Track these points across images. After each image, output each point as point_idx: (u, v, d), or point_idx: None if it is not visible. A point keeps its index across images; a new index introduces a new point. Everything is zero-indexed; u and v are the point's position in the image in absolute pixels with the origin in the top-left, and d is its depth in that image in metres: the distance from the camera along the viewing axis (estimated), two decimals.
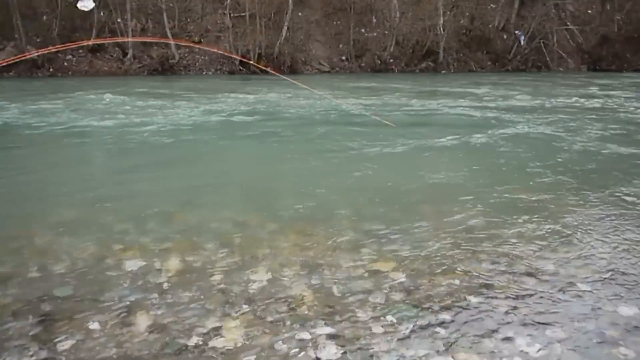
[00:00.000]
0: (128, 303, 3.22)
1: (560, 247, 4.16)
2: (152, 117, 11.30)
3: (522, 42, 33.71)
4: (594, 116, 11.94)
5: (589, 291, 3.44)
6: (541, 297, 3.34)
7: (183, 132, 9.82)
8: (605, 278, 3.63)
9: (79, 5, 26.69)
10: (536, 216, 4.86)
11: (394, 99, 15.82)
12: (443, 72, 31.65)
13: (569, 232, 4.48)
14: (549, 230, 4.50)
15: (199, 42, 29.08)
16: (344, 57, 31.55)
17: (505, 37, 34.41)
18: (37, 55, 26.10)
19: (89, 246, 4.09)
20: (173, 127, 10.20)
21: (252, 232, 4.51)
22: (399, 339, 2.87)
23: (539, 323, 3.03)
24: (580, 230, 4.53)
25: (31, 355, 2.69)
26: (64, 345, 2.78)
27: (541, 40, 33.63)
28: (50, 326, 2.97)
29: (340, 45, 31.90)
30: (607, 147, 8.34)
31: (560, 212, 5.00)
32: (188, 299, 3.29)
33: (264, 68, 20.30)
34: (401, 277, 3.65)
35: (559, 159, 7.45)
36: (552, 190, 5.75)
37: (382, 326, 3.00)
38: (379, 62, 31.20)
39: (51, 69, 26.85)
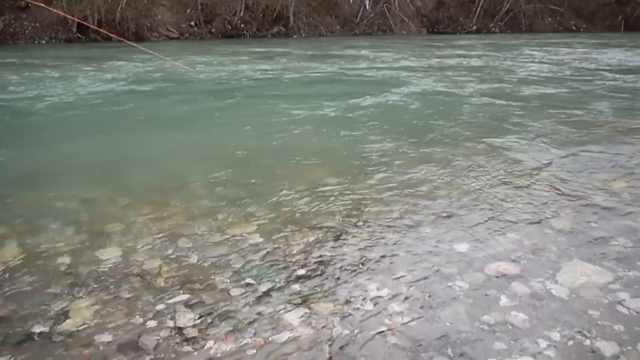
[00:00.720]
0: None
1: (407, 197, 4.50)
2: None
3: (367, 7, 35.12)
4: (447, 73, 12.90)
5: (428, 234, 3.78)
6: (388, 244, 3.61)
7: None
8: (443, 221, 4.01)
9: None
10: (385, 170, 5.19)
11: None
12: (295, 36, 31.96)
13: (418, 183, 4.84)
14: (400, 183, 4.83)
15: (27, 7, 26.25)
16: (192, 23, 30.47)
17: (351, 1, 35.55)
18: None
19: None
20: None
21: (101, 209, 4.27)
22: (256, 298, 2.94)
23: (387, 268, 3.27)
24: (429, 180, 4.92)
25: None
26: None
27: (384, 5, 35.28)
28: None
29: (188, 10, 30.71)
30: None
31: (409, 165, 5.37)
32: (30, 286, 3.06)
33: (107, 33, 18.90)
34: (258, 239, 3.71)
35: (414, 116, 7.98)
36: (404, 143, 6.15)
37: (240, 288, 3.04)
38: (230, 27, 30.64)
39: None
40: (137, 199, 4.50)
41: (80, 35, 26.56)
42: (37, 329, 2.63)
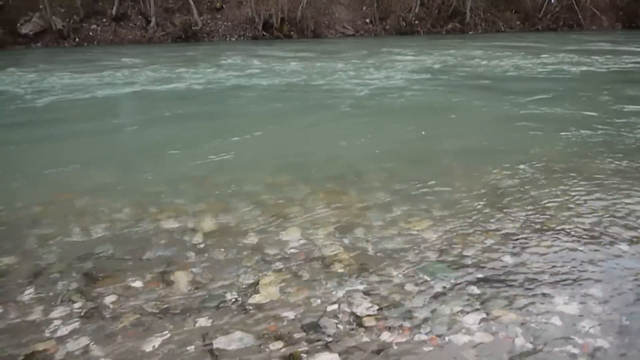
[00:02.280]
0: (167, 261, 3.31)
1: (597, 206, 4.10)
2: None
3: (553, 0, 32.62)
4: None
5: (628, 251, 3.40)
6: (576, 256, 3.32)
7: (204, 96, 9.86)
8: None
9: None
10: (572, 177, 4.79)
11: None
12: (470, 32, 30.91)
13: (603, 191, 4.40)
14: (584, 191, 4.43)
15: (221, 8, 28.91)
16: (368, 20, 31.02)
17: None
18: (63, 26, 26.34)
19: (125, 208, 4.20)
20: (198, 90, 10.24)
21: (284, 194, 4.55)
22: (432, 296, 2.90)
23: (576, 282, 3.02)
24: (614, 189, 4.45)
25: (78, 309, 2.79)
26: (108, 299, 2.88)
27: None
28: (94, 282, 3.08)
29: (364, 8, 31.33)
30: None
31: (595, 174, 4.91)
32: (224, 257, 3.37)
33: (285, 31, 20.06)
34: (433, 236, 3.65)
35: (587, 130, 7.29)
36: (589, 154, 5.64)
37: (416, 284, 3.02)
38: (404, 24, 30.63)
39: (77, 39, 27.03)
40: (317, 186, 4.71)
41: (264, 33, 28.58)
42: (231, 296, 2.89)
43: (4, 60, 18.18)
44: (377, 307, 2.77)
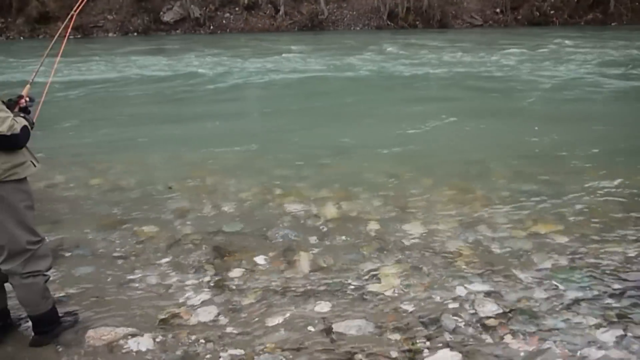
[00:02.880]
0: (290, 242, 3.42)
1: None
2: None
3: None
4: None
5: None
6: None
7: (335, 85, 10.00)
8: None
9: None
10: None
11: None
12: (613, 24, 28.32)
13: None
14: None
15: None
16: (498, 10, 29.56)
17: None
18: (200, 14, 28.05)
19: (252, 188, 4.40)
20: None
21: (405, 186, 4.50)
22: (563, 305, 2.71)
23: None
24: None
25: (208, 279, 2.98)
26: (235, 273, 3.04)
27: None
28: (223, 256, 3.26)
29: None
30: None
31: None
32: (345, 243, 3.40)
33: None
34: (565, 240, 3.42)
35: None
36: None
37: (545, 290, 2.85)
38: (538, 13, 28.79)
39: (211, 27, 28.64)
40: (439, 181, 4.60)
41: (389, 22, 28.34)
42: (351, 283, 2.92)
43: (174, 44, 19.63)
44: (501, 310, 2.65)
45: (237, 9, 29.48)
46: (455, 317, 2.59)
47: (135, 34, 27.68)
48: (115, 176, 4.91)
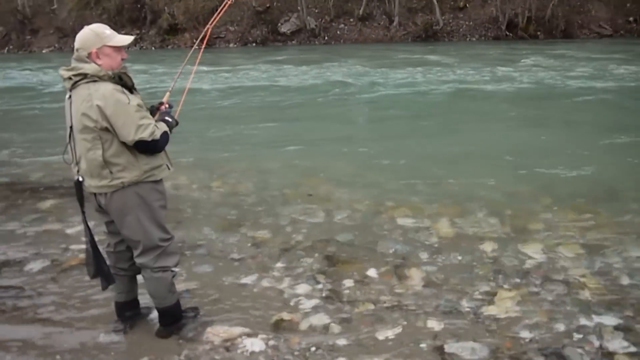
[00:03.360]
0: (401, 256, 3.38)
1: None
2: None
3: None
4: None
5: None
6: None
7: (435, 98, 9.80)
8: None
9: None
10: None
11: None
12: None
13: None
14: None
15: (464, 7, 28.41)
16: (631, 19, 27.32)
17: None
18: (315, 25, 28.79)
19: (365, 199, 4.41)
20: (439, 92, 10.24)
21: (524, 204, 4.29)
22: None
23: None
24: None
25: (320, 287, 3.02)
26: (346, 283, 3.06)
27: None
28: (334, 265, 3.29)
29: (629, 4, 27.65)
30: None
31: None
32: (458, 262, 3.30)
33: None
34: None
35: None
36: None
37: None
38: None
39: (326, 37, 29.25)
40: (561, 201, 4.33)
41: (508, 33, 27.23)
42: (464, 303, 2.82)
43: (311, 53, 20.22)
44: (633, 347, 2.43)
45: (351, 19, 29.85)
46: (580, 350, 2.41)
47: (254, 44, 28.97)
48: (235, 179, 5.17)
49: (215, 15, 3.08)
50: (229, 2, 3.26)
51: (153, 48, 30.54)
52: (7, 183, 5.36)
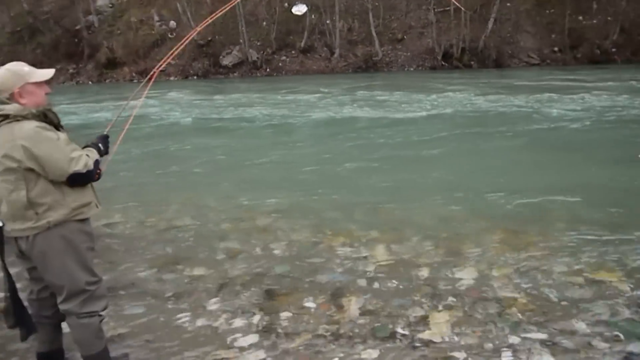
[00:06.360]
0: (339, 285, 3.39)
1: None
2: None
3: None
4: None
5: None
6: None
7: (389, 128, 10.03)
8: None
9: (293, 10, 28.73)
10: None
11: None
12: None
13: None
14: None
15: (402, 39, 29.40)
16: (556, 48, 29.02)
17: None
18: (257, 57, 29.05)
19: (303, 230, 4.42)
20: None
21: (457, 228, 4.41)
22: (626, 357, 2.55)
23: None
24: None
25: (257, 322, 2.98)
26: (283, 316, 3.03)
27: None
28: (272, 298, 3.27)
29: (553, 36, 29.39)
30: None
31: None
32: (395, 288, 3.35)
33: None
34: (628, 290, 3.24)
35: None
36: None
37: (606, 341, 2.69)
38: (599, 52, 28.05)
39: (267, 69, 29.53)
40: (493, 223, 4.48)
41: (443, 63, 28.32)
42: (401, 329, 2.85)
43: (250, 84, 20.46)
44: None
45: (293, 52, 30.31)
46: None
47: (195, 77, 28.87)
48: (171, 215, 5.07)
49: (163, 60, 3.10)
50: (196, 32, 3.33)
51: (90, 82, 29.93)
52: None
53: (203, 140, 9.83)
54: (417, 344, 2.70)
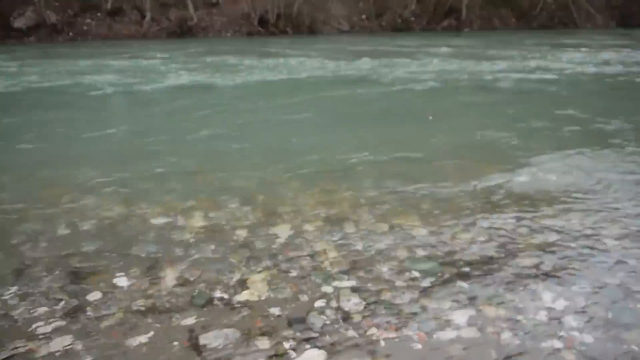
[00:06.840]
0: (154, 258, 3.28)
1: (587, 202, 4.11)
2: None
3: None
4: None
5: (614, 246, 3.40)
6: (567, 254, 3.31)
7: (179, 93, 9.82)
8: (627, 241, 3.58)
9: None
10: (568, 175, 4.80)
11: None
12: (466, 30, 30.87)
13: (599, 185, 4.42)
14: (578, 192, 4.43)
15: (217, 3, 28.78)
16: (364, 16, 30.92)
17: None
18: (57, 20, 26.19)
19: (114, 205, 4.17)
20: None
21: (275, 190, 4.53)
22: (421, 292, 2.88)
23: (563, 279, 3.00)
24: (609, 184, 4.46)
25: (62, 307, 2.76)
26: (93, 296, 2.85)
27: None
28: (79, 280, 3.04)
29: (361, 4, 31.22)
30: None
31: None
32: (213, 254, 3.34)
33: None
34: (423, 233, 3.64)
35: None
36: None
37: (405, 280, 3.01)
38: (400, 20, 30.55)
39: (70, 33, 26.86)
40: (307, 183, 4.69)
41: (260, 29, 28.45)
42: (219, 294, 2.86)
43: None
44: (365, 303, 2.75)
45: (99, 14, 27.91)
46: (322, 315, 2.64)
47: None
48: None
49: None
50: None
51: None
52: None
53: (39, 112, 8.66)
54: (236, 306, 2.75)
